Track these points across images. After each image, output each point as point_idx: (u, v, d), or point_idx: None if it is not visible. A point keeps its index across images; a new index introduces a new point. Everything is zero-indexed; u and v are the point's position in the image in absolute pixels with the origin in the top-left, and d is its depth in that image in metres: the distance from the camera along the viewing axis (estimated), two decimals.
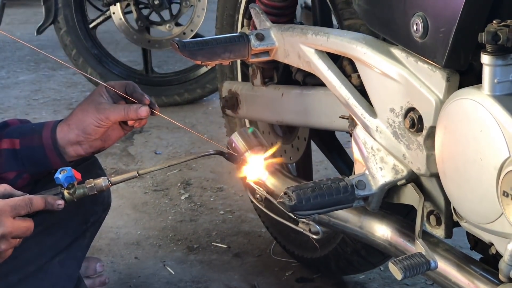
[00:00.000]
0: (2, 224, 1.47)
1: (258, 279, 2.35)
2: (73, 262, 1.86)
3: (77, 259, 1.88)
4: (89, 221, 1.86)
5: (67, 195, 1.56)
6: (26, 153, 1.73)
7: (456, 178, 1.31)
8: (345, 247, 2.08)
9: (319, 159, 2.95)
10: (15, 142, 1.73)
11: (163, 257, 2.50)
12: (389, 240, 1.58)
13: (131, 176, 1.63)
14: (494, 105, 1.21)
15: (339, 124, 1.74)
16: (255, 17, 1.89)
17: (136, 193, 2.99)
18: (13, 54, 5.46)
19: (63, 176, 1.55)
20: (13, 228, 1.49)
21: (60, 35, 4.15)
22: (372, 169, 1.52)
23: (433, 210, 1.47)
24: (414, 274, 1.35)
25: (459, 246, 2.08)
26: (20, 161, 1.73)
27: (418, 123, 1.40)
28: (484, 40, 1.20)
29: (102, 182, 1.59)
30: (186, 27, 4.09)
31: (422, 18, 1.35)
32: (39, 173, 1.76)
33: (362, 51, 1.51)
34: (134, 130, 3.76)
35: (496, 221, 1.24)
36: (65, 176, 1.55)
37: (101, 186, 1.59)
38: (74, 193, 1.57)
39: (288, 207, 1.45)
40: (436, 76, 1.35)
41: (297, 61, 1.73)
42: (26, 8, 7.14)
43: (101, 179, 1.60)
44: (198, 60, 1.77)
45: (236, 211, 2.82)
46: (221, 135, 3.54)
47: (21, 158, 1.73)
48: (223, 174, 3.16)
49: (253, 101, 2.13)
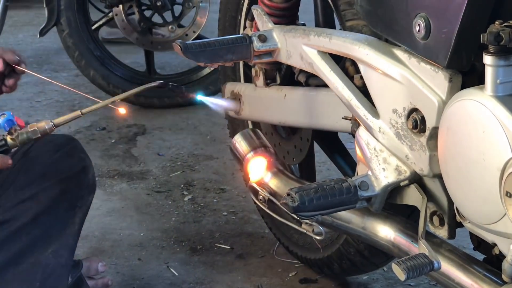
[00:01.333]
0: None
1: (261, 280, 2.35)
2: (66, 251, 1.86)
3: (70, 246, 1.89)
4: (76, 206, 1.86)
5: (10, 140, 1.55)
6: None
7: (459, 178, 1.31)
8: (348, 248, 2.08)
9: (322, 160, 2.95)
10: None
11: (167, 259, 2.50)
12: (392, 240, 1.58)
13: (74, 116, 1.61)
14: (496, 106, 1.21)
15: (342, 125, 1.74)
16: (257, 19, 1.89)
17: (139, 195, 2.99)
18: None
19: (3, 121, 1.54)
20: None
21: (63, 37, 4.15)
22: (375, 170, 1.52)
23: (436, 211, 1.48)
24: (418, 275, 1.35)
25: (462, 246, 2.08)
26: None
27: (421, 123, 1.40)
28: (487, 40, 1.20)
29: (45, 125, 1.57)
30: (189, 28, 4.09)
31: (424, 19, 1.35)
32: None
33: (365, 52, 1.51)
34: (136, 132, 3.76)
35: (499, 221, 1.24)
36: (6, 120, 1.55)
37: (45, 129, 1.57)
38: (17, 138, 1.55)
39: (291, 208, 1.46)
40: (439, 76, 1.36)
41: (299, 62, 1.73)
42: (29, 10, 7.13)
43: (44, 122, 1.58)
44: (200, 62, 1.77)
45: (240, 212, 2.82)
46: (224, 136, 3.54)
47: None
48: (226, 176, 3.16)
49: (255, 102, 2.13)
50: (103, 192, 3.02)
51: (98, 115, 1.87)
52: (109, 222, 2.76)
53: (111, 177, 3.16)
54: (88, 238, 2.63)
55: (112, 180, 3.12)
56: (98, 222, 2.77)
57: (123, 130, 3.79)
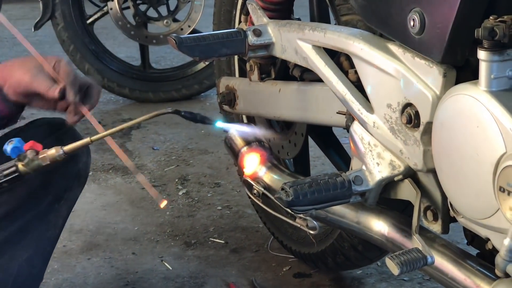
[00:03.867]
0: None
1: (255, 274, 2.35)
2: (41, 260, 1.78)
3: (46, 254, 1.81)
4: (61, 198, 1.76)
5: (21, 167, 1.52)
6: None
7: (452, 173, 1.31)
8: (342, 243, 2.09)
9: (316, 154, 2.95)
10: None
11: (161, 253, 2.50)
12: (386, 235, 1.59)
13: (84, 143, 1.58)
14: (490, 101, 1.21)
15: (336, 119, 1.74)
16: (252, 13, 1.89)
17: (134, 189, 2.99)
18: (10, 50, 5.46)
19: (10, 148, 1.52)
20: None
21: (58, 31, 4.15)
22: (369, 165, 1.52)
23: (430, 206, 1.48)
24: (411, 269, 1.35)
25: (456, 241, 2.09)
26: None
27: (415, 118, 1.40)
28: (481, 35, 1.20)
29: (55, 152, 1.54)
30: (184, 22, 4.09)
31: (419, 13, 1.35)
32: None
33: (359, 47, 1.51)
34: (132, 126, 3.76)
35: (492, 216, 1.25)
36: (12, 147, 1.52)
37: (54, 157, 1.54)
38: (28, 165, 1.53)
39: (285, 203, 1.46)
40: (433, 71, 1.36)
41: (294, 57, 1.73)
42: (24, 3, 7.13)
43: (54, 149, 1.55)
44: (195, 56, 1.77)
45: (234, 207, 2.83)
46: (219, 131, 3.54)
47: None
48: (221, 170, 3.16)
49: (250, 97, 2.13)
50: (97, 186, 3.02)
51: (94, 108, 1.84)
52: (103, 216, 2.76)
53: (105, 171, 3.16)
54: (82, 232, 2.63)
55: (107, 174, 3.12)
56: (93, 216, 2.77)
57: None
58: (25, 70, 1.68)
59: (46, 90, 1.66)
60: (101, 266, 2.42)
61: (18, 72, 1.68)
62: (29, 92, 1.68)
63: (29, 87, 1.67)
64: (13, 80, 1.68)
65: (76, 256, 2.47)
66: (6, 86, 1.68)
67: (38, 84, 1.67)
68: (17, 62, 1.71)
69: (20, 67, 1.69)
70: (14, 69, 1.70)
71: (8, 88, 1.69)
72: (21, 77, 1.67)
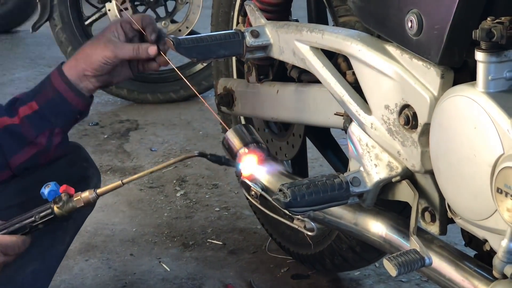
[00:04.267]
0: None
1: (253, 275, 2.35)
2: (46, 275, 1.80)
3: (51, 270, 1.83)
4: (71, 217, 1.75)
5: (57, 210, 1.57)
6: (47, 109, 1.72)
7: (450, 175, 1.31)
8: (340, 244, 2.09)
9: (314, 156, 2.95)
10: (32, 105, 1.73)
11: (159, 254, 2.50)
12: (383, 236, 1.59)
13: (116, 186, 1.60)
14: (488, 102, 1.21)
15: (334, 121, 1.75)
16: (250, 14, 1.89)
17: (132, 190, 2.99)
18: (8, 51, 5.45)
19: (48, 191, 1.56)
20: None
21: (56, 32, 4.15)
22: (367, 166, 1.52)
23: (427, 207, 1.48)
24: (409, 270, 1.35)
25: (453, 242, 2.09)
26: (45, 119, 1.72)
27: (413, 120, 1.40)
28: (479, 37, 1.20)
29: (89, 195, 1.58)
30: (182, 24, 4.09)
31: (416, 15, 1.35)
32: (67, 122, 1.76)
33: (357, 48, 1.51)
34: (129, 127, 3.76)
35: (490, 217, 1.25)
36: (49, 191, 1.56)
37: (88, 199, 1.58)
38: (63, 207, 1.57)
39: (283, 204, 1.46)
40: (431, 73, 1.36)
41: (292, 58, 1.73)
42: None
43: (88, 192, 1.58)
44: (193, 57, 1.77)
45: (232, 208, 2.83)
46: (217, 132, 3.54)
47: (45, 115, 1.72)
48: (219, 171, 3.16)
49: (248, 98, 2.14)
50: None
51: (91, 110, 1.86)
52: (101, 218, 2.76)
53: (103, 172, 3.16)
54: (80, 233, 2.62)
55: (105, 176, 3.12)
56: (91, 217, 2.74)
57: (116, 126, 3.79)
58: (101, 47, 1.73)
59: (136, 52, 1.74)
60: (99, 267, 2.42)
61: (96, 52, 1.73)
62: (116, 63, 1.73)
63: (116, 57, 1.72)
64: (96, 61, 1.72)
65: (74, 257, 2.47)
66: (90, 72, 1.73)
67: (123, 51, 1.73)
68: (87, 47, 1.75)
69: (94, 48, 1.74)
70: (89, 53, 1.74)
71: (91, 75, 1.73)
72: (102, 53, 1.72)
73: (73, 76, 1.73)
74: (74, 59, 1.74)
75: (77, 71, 1.73)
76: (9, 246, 1.53)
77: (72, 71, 1.73)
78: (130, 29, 1.76)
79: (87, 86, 1.74)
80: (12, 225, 1.59)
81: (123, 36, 1.75)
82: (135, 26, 1.75)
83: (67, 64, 1.75)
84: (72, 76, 1.73)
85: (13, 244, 1.54)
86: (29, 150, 1.73)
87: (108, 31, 1.74)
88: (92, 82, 1.74)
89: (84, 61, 1.73)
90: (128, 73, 1.80)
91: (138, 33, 1.78)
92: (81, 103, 1.75)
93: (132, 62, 1.79)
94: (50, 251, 1.79)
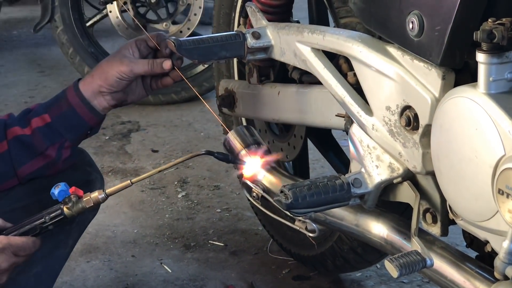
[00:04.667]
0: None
1: (255, 277, 2.35)
2: (49, 277, 1.82)
3: (54, 273, 1.84)
4: (74, 221, 1.78)
5: (66, 210, 1.58)
6: (59, 122, 1.74)
7: (451, 176, 1.31)
8: (341, 245, 2.09)
9: (315, 157, 2.95)
10: (45, 117, 1.75)
11: (160, 255, 2.50)
12: (385, 238, 1.59)
13: (125, 185, 1.62)
14: (489, 103, 1.21)
15: (335, 122, 1.75)
16: (251, 16, 1.89)
17: (133, 192, 2.99)
18: (10, 53, 5.45)
19: (58, 191, 1.58)
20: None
21: (57, 34, 4.15)
22: (368, 167, 1.52)
23: (429, 208, 1.48)
24: (410, 272, 1.35)
25: (455, 243, 2.09)
26: (56, 132, 1.74)
27: (414, 121, 1.40)
28: (480, 38, 1.20)
29: (98, 195, 1.60)
30: (183, 25, 4.09)
31: (417, 16, 1.35)
32: (78, 136, 1.78)
33: (358, 49, 1.51)
34: (131, 128, 3.76)
35: (491, 219, 1.25)
36: (59, 191, 1.58)
37: (98, 199, 1.60)
38: (73, 208, 1.58)
39: (285, 205, 1.46)
40: (432, 74, 1.36)
41: (293, 60, 1.73)
42: (23, 6, 7.12)
43: (97, 192, 1.60)
44: (194, 59, 1.77)
45: (233, 209, 2.83)
46: (218, 133, 3.54)
47: (56, 128, 1.74)
48: (220, 172, 3.16)
49: (249, 100, 2.14)
50: None
51: None
52: (102, 219, 2.76)
53: (105, 173, 3.16)
54: (82, 235, 2.63)
55: (106, 177, 3.12)
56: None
57: (117, 127, 3.79)
58: (117, 63, 1.75)
59: (151, 67, 1.76)
60: (100, 268, 2.42)
61: (111, 68, 1.75)
62: (132, 79, 1.75)
63: (132, 72, 1.75)
64: (112, 76, 1.74)
65: (75, 259, 2.47)
66: (105, 89, 1.75)
67: (139, 66, 1.76)
68: (103, 64, 1.78)
69: (110, 64, 1.76)
70: (105, 69, 1.76)
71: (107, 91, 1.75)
72: (118, 69, 1.74)
73: (88, 92, 1.75)
74: (90, 76, 1.77)
75: (92, 88, 1.75)
76: (20, 248, 1.55)
77: (88, 87, 1.76)
78: (144, 47, 1.79)
79: (101, 104, 1.76)
80: (23, 227, 1.60)
81: (138, 53, 1.78)
82: (150, 43, 1.78)
83: (83, 81, 1.77)
84: (87, 92, 1.75)
85: (24, 246, 1.56)
86: (38, 161, 1.75)
87: (123, 48, 1.78)
88: (107, 99, 1.76)
89: (99, 77, 1.75)
90: (142, 92, 1.83)
91: (152, 51, 1.81)
92: (93, 119, 1.78)
93: (145, 81, 1.81)
94: (54, 254, 1.80)
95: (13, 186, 1.77)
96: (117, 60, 1.75)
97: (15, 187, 1.77)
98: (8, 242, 1.53)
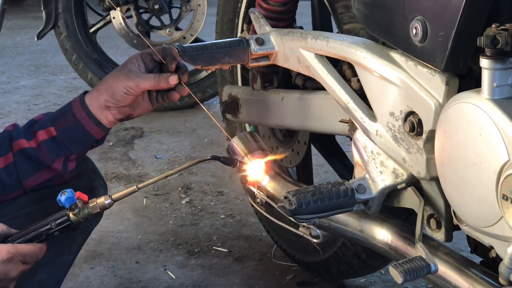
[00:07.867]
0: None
1: (259, 283, 2.35)
2: (53, 284, 1.81)
3: (58, 279, 1.83)
4: (78, 227, 1.75)
5: (72, 216, 1.58)
6: (65, 135, 1.75)
7: (456, 181, 1.31)
8: (345, 251, 2.09)
9: (319, 163, 2.95)
10: (51, 130, 1.75)
11: (164, 262, 2.50)
12: (389, 243, 1.58)
13: (131, 190, 1.62)
14: (493, 109, 1.21)
15: (339, 128, 1.75)
16: (254, 22, 1.89)
17: (137, 198, 2.99)
18: (13, 59, 5.46)
19: (64, 198, 1.58)
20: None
21: (61, 40, 4.16)
22: (372, 173, 1.52)
23: (433, 214, 1.48)
24: (415, 277, 1.35)
25: (459, 249, 2.09)
26: (62, 145, 1.74)
27: (418, 127, 1.40)
28: (483, 44, 1.20)
29: (104, 200, 1.60)
30: (186, 31, 4.09)
31: (421, 22, 1.35)
32: (83, 149, 1.79)
33: (362, 55, 1.51)
34: (134, 135, 3.77)
35: (496, 224, 1.24)
36: (66, 198, 1.58)
37: (104, 205, 1.60)
38: (79, 214, 1.58)
39: (289, 211, 1.46)
40: (436, 80, 1.36)
41: (296, 66, 1.73)
42: (27, 13, 7.14)
43: (103, 198, 1.60)
44: (198, 65, 1.77)
45: (237, 215, 2.83)
46: (222, 139, 3.55)
47: (62, 142, 1.74)
48: (224, 178, 3.16)
49: (253, 105, 2.14)
50: None
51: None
52: (106, 225, 2.76)
53: (108, 180, 3.16)
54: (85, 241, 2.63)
55: (110, 183, 3.12)
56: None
57: (121, 133, 3.80)
58: (123, 77, 1.75)
59: (158, 81, 1.75)
60: (104, 275, 2.42)
61: (118, 83, 1.75)
62: (138, 93, 1.75)
63: (138, 87, 1.74)
64: (118, 91, 1.74)
65: (79, 265, 2.47)
66: (111, 103, 1.75)
67: (145, 81, 1.75)
68: (109, 78, 1.77)
69: (116, 79, 1.76)
70: (111, 84, 1.76)
71: (113, 106, 1.75)
72: (124, 83, 1.74)
73: (94, 106, 1.75)
74: (96, 91, 1.77)
75: (98, 102, 1.75)
76: (27, 255, 1.55)
77: (94, 102, 1.76)
78: (150, 60, 1.79)
79: (107, 118, 1.77)
80: (28, 233, 1.60)
81: (144, 67, 1.78)
82: (156, 57, 1.77)
83: (89, 95, 1.77)
84: (93, 107, 1.75)
85: (31, 253, 1.56)
86: (44, 174, 1.76)
87: (129, 62, 1.77)
88: (114, 114, 1.77)
89: (106, 91, 1.75)
90: (148, 106, 1.82)
91: (158, 65, 1.80)
92: (99, 133, 1.78)
93: (151, 95, 1.81)
94: (58, 260, 1.80)
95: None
96: (123, 75, 1.75)
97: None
98: (16, 250, 1.53)
